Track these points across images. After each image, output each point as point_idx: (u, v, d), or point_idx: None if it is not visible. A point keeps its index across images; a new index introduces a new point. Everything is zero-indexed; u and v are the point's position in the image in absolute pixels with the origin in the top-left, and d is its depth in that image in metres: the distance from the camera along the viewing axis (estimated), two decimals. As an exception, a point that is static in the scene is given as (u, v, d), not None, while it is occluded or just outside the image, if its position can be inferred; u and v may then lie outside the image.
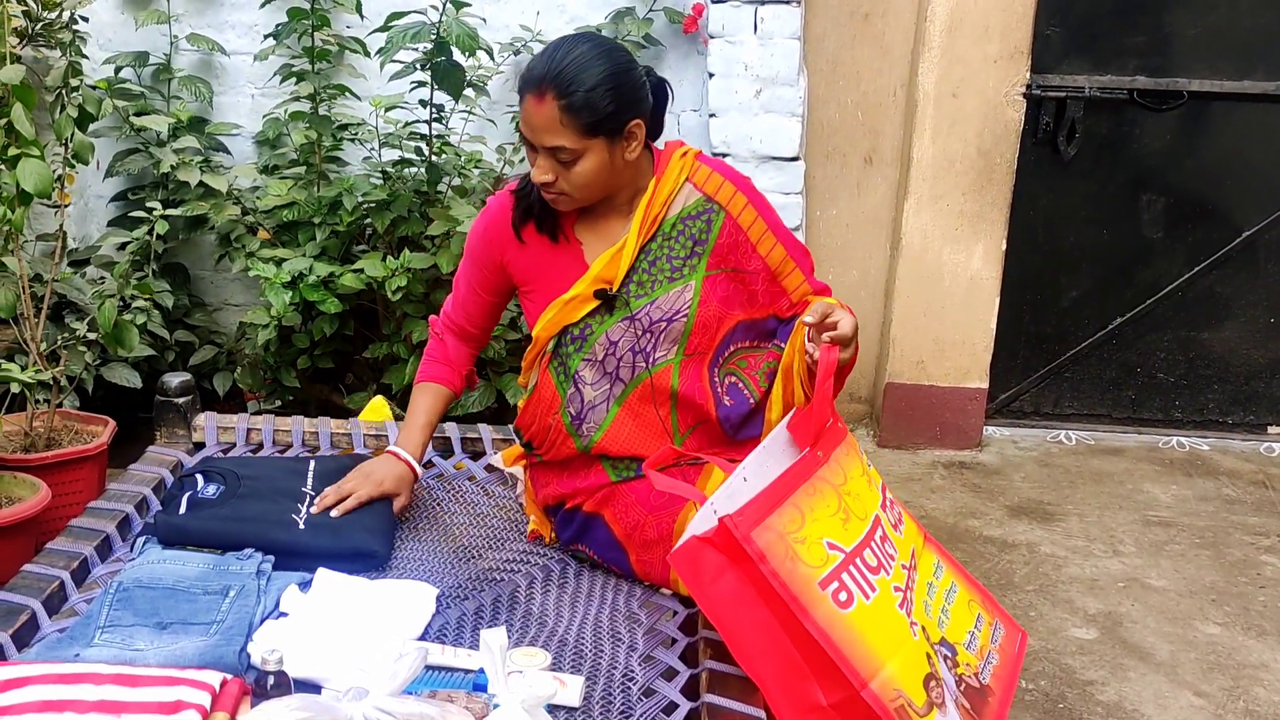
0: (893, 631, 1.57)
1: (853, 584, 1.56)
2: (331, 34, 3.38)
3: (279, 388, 3.49)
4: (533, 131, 1.82)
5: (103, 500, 2.11)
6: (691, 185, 1.97)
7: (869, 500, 1.69)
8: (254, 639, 1.70)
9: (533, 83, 1.80)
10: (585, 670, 1.74)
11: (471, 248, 2.08)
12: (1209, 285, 3.90)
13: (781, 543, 1.54)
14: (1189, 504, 3.54)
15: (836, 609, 1.53)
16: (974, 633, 1.71)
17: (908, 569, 1.67)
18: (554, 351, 1.99)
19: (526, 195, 1.98)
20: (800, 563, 1.54)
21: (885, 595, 1.59)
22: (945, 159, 3.63)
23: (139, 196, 3.62)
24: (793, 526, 1.56)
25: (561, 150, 1.81)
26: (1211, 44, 3.69)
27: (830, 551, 1.57)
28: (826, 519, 1.60)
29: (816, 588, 1.53)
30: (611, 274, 1.94)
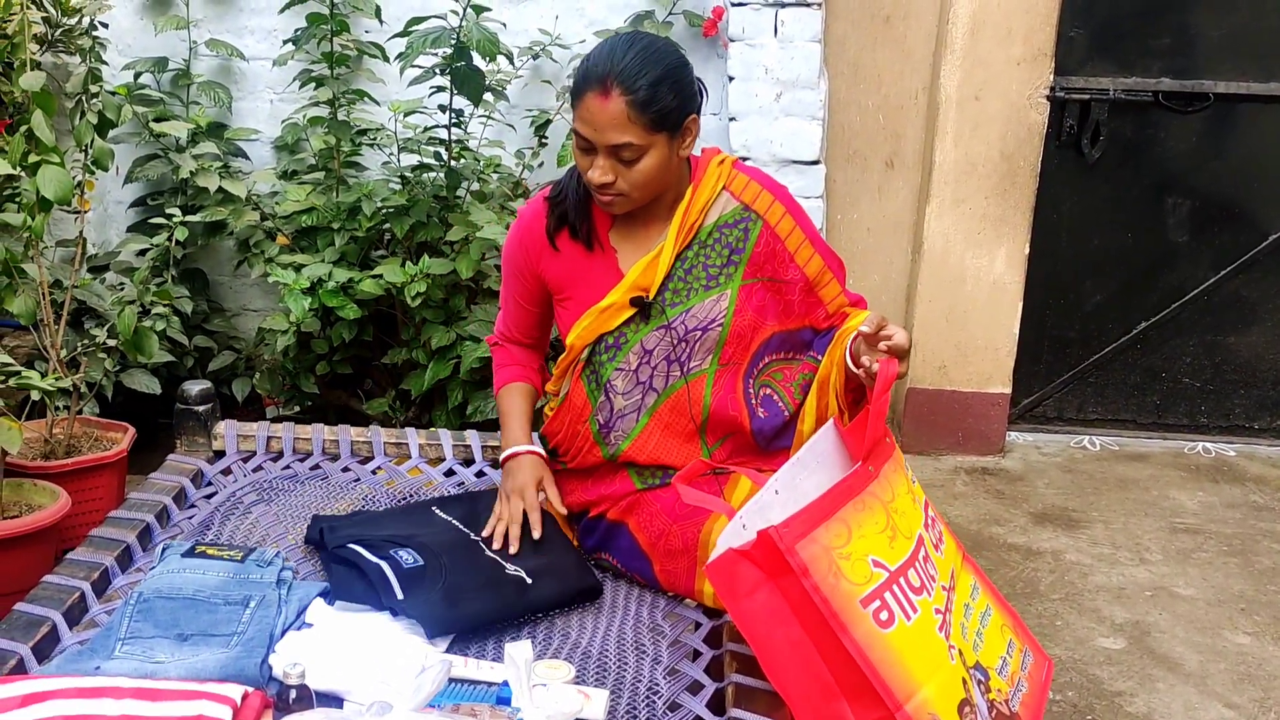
0: (931, 654, 1.54)
1: (895, 604, 1.53)
2: (350, 39, 3.37)
3: (298, 393, 3.48)
4: (597, 130, 1.78)
5: (123, 510, 2.10)
6: (729, 194, 1.95)
7: (914, 518, 1.66)
8: (276, 650, 1.68)
9: (596, 80, 1.76)
10: (609, 683, 1.72)
11: (508, 260, 2.06)
12: (1235, 289, 3.86)
13: (826, 557, 1.51)
14: (1216, 511, 3.50)
15: (877, 628, 1.50)
16: (1006, 658, 1.68)
17: (947, 590, 1.64)
18: (587, 360, 1.97)
19: (561, 201, 1.97)
20: (843, 579, 1.51)
21: (926, 617, 1.56)
22: (968, 162, 3.60)
23: (158, 202, 3.61)
24: (839, 541, 1.54)
25: (626, 148, 1.79)
26: (1237, 45, 3.65)
27: (875, 569, 1.54)
28: (874, 536, 1.57)
29: (858, 605, 1.50)
30: (648, 281, 1.92)
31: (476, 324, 3.16)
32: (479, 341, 3.12)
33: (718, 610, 1.92)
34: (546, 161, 3.49)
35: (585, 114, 1.78)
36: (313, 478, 2.30)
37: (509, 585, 1.84)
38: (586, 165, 1.84)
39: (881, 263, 3.82)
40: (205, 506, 2.17)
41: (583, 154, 1.84)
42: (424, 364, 3.25)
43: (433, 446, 2.39)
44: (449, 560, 1.84)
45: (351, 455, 2.37)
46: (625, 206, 1.89)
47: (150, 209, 3.65)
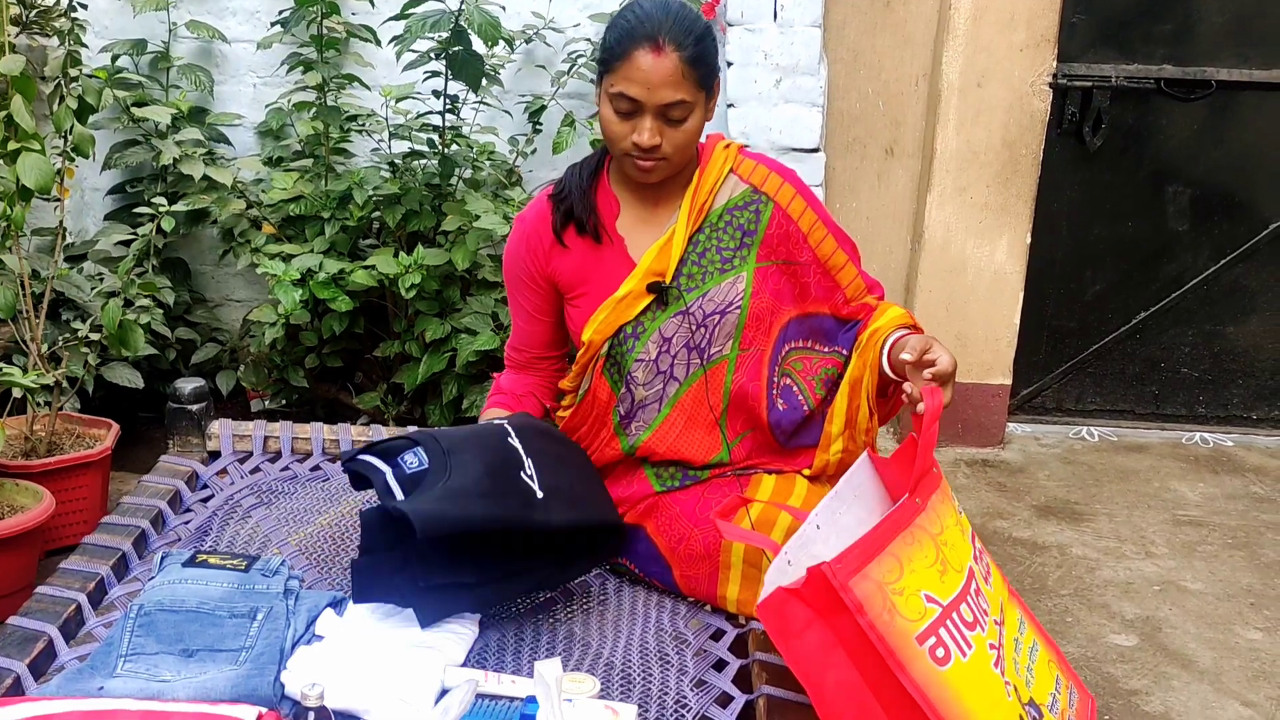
0: (988, 692, 1.48)
1: (950, 640, 1.47)
2: (340, 21, 3.26)
3: (285, 387, 3.38)
4: (650, 88, 1.72)
5: (116, 515, 2.01)
6: (736, 176, 1.92)
7: (963, 551, 1.60)
8: (287, 666, 1.61)
9: (646, 36, 1.71)
10: (635, 697, 1.65)
11: (513, 269, 1.98)
12: (1234, 279, 3.83)
13: (880, 593, 1.44)
14: (1218, 502, 3.47)
15: (934, 666, 1.44)
16: (1055, 695, 1.62)
17: (999, 624, 1.58)
18: (608, 354, 1.90)
19: (565, 197, 1.91)
20: (898, 615, 1.44)
21: (981, 653, 1.50)
22: (969, 150, 3.54)
23: (137, 190, 3.50)
24: (891, 577, 1.47)
25: (677, 106, 1.74)
26: (1240, 32, 3.60)
27: (928, 605, 1.47)
28: (924, 570, 1.51)
29: (914, 643, 1.44)
30: (662, 266, 1.87)
31: (472, 316, 3.08)
32: (474, 334, 3.04)
33: (741, 616, 1.86)
34: (541, 148, 3.41)
35: (634, 73, 1.72)
36: (313, 479, 2.22)
37: (516, 495, 1.70)
38: (626, 131, 1.77)
39: (881, 252, 3.75)
40: (202, 511, 2.08)
41: (623, 119, 1.77)
42: (417, 357, 3.16)
43: (437, 446, 2.30)
44: (455, 462, 1.69)
45: (353, 455, 2.28)
46: (663, 173, 1.84)
47: (129, 196, 3.53)
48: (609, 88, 1.76)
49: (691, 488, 1.91)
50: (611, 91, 1.75)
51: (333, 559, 1.96)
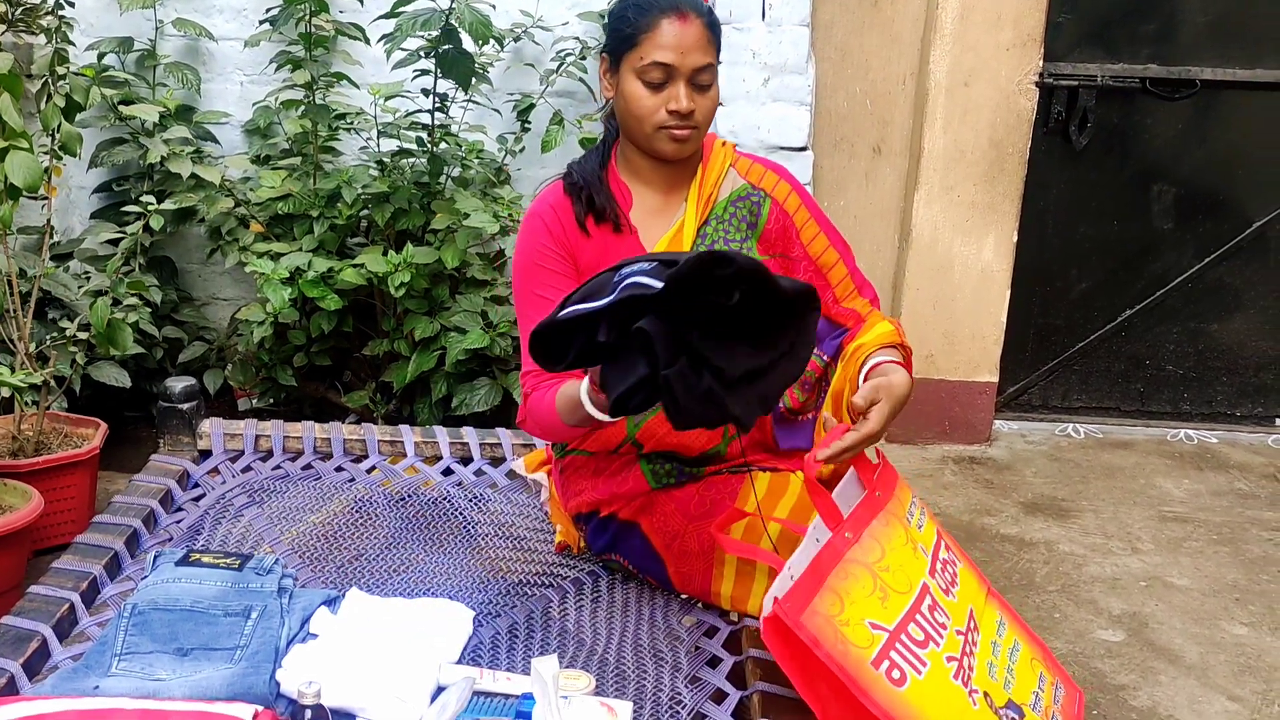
0: (950, 704, 1.52)
1: (903, 661, 1.51)
2: (328, 19, 3.26)
3: (273, 386, 3.37)
4: (683, 53, 1.77)
5: (108, 514, 2.00)
6: (735, 172, 1.94)
7: (913, 570, 1.62)
8: (283, 665, 1.61)
9: (671, 6, 1.77)
10: (629, 694, 1.66)
11: (538, 260, 1.88)
12: (1219, 276, 3.85)
13: (830, 626, 1.49)
14: (1203, 499, 3.49)
15: (893, 688, 1.49)
16: (1038, 693, 1.65)
17: (964, 633, 1.61)
18: None
19: (582, 187, 1.90)
20: (850, 645, 1.50)
21: (937, 668, 1.54)
22: (956, 149, 3.55)
23: (123, 188, 3.49)
24: (834, 610, 1.52)
25: (706, 71, 1.80)
26: (1223, 32, 3.63)
27: (874, 632, 1.52)
28: (864, 600, 1.55)
29: (870, 668, 1.49)
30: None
31: (461, 314, 3.08)
32: (464, 332, 3.04)
33: (734, 613, 1.87)
34: (529, 147, 3.40)
35: (665, 40, 1.76)
36: (305, 478, 2.21)
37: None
38: (659, 103, 1.79)
39: (869, 250, 3.77)
40: (194, 510, 2.08)
41: (654, 91, 1.79)
42: (406, 356, 3.16)
43: (429, 444, 2.31)
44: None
45: (344, 454, 2.29)
46: (694, 145, 1.86)
47: (115, 195, 3.52)
48: (638, 62, 1.78)
49: (687, 485, 1.92)
50: (641, 65, 1.78)
51: (326, 557, 1.96)
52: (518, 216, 3.07)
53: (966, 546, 3.14)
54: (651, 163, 1.90)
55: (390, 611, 1.74)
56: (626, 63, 1.80)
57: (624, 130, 1.89)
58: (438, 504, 2.15)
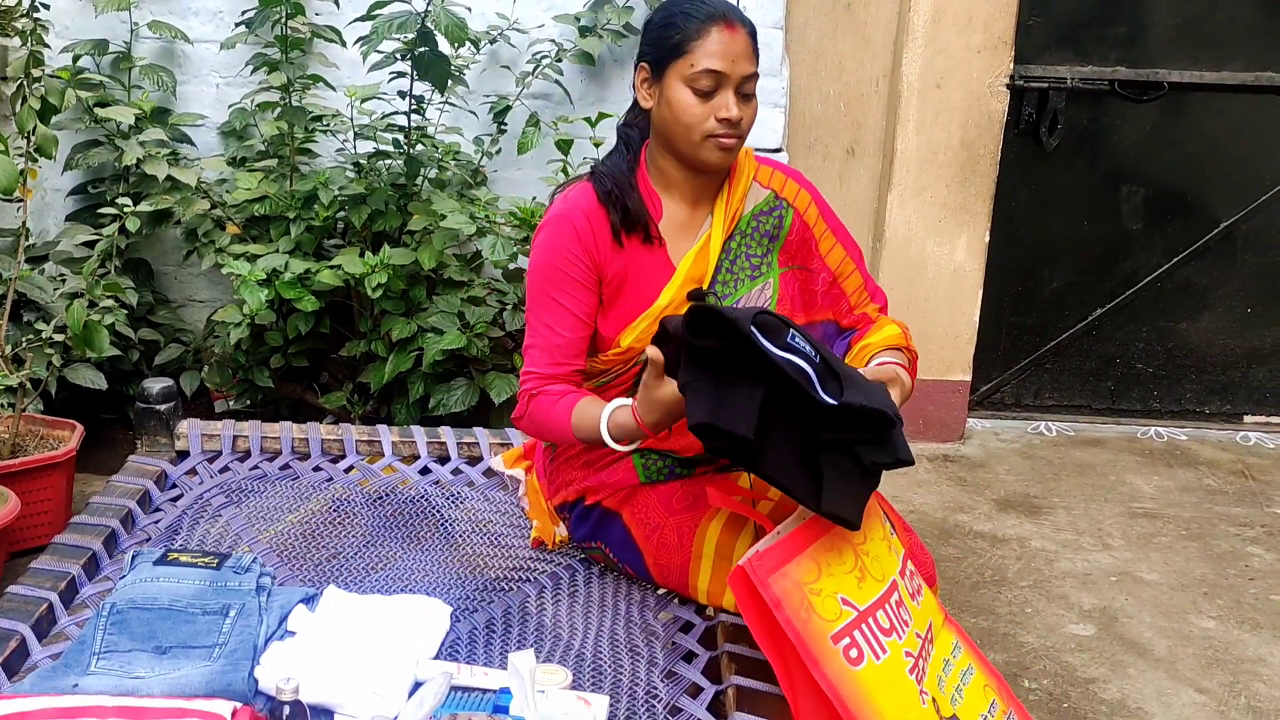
0: (901, 695, 1.55)
1: (864, 642, 1.54)
2: (305, 22, 3.27)
3: (250, 387, 3.38)
4: (732, 60, 1.77)
5: (86, 515, 2.01)
6: (758, 183, 1.94)
7: (887, 564, 1.66)
8: (261, 662, 1.62)
9: (718, 14, 1.78)
10: (605, 688, 1.68)
11: (564, 272, 1.86)
12: (1187, 276, 3.91)
13: (798, 592, 1.52)
14: (1172, 495, 3.54)
15: (847, 665, 1.52)
16: (987, 716, 1.67)
17: (922, 638, 1.64)
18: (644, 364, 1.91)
19: (617, 196, 1.87)
20: (815, 614, 1.53)
21: (896, 658, 1.57)
22: (929, 150, 3.59)
23: (99, 190, 3.48)
24: (809, 578, 1.55)
25: (751, 79, 1.80)
26: (1191, 35, 3.68)
27: (844, 607, 1.55)
28: (842, 575, 1.58)
29: (829, 641, 1.52)
30: (700, 271, 1.89)
31: (438, 315, 3.09)
32: (441, 333, 3.05)
33: (710, 608, 1.89)
34: (506, 148, 3.42)
35: (717, 48, 1.76)
36: (283, 478, 2.23)
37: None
38: (707, 112, 1.78)
39: (842, 251, 3.80)
40: (171, 510, 2.09)
41: (704, 99, 1.78)
42: (383, 356, 3.17)
43: (406, 444, 2.32)
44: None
45: (322, 454, 2.30)
46: (736, 153, 1.85)
47: (91, 197, 3.51)
48: (688, 69, 1.77)
49: (673, 482, 1.94)
50: (692, 72, 1.77)
51: (304, 556, 1.97)
52: (494, 218, 3.09)
53: (940, 543, 3.18)
54: (685, 173, 1.88)
55: (368, 608, 1.76)
56: (674, 71, 1.79)
57: (665, 139, 1.86)
58: (415, 502, 2.16)
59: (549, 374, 1.88)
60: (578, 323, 1.88)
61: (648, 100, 1.86)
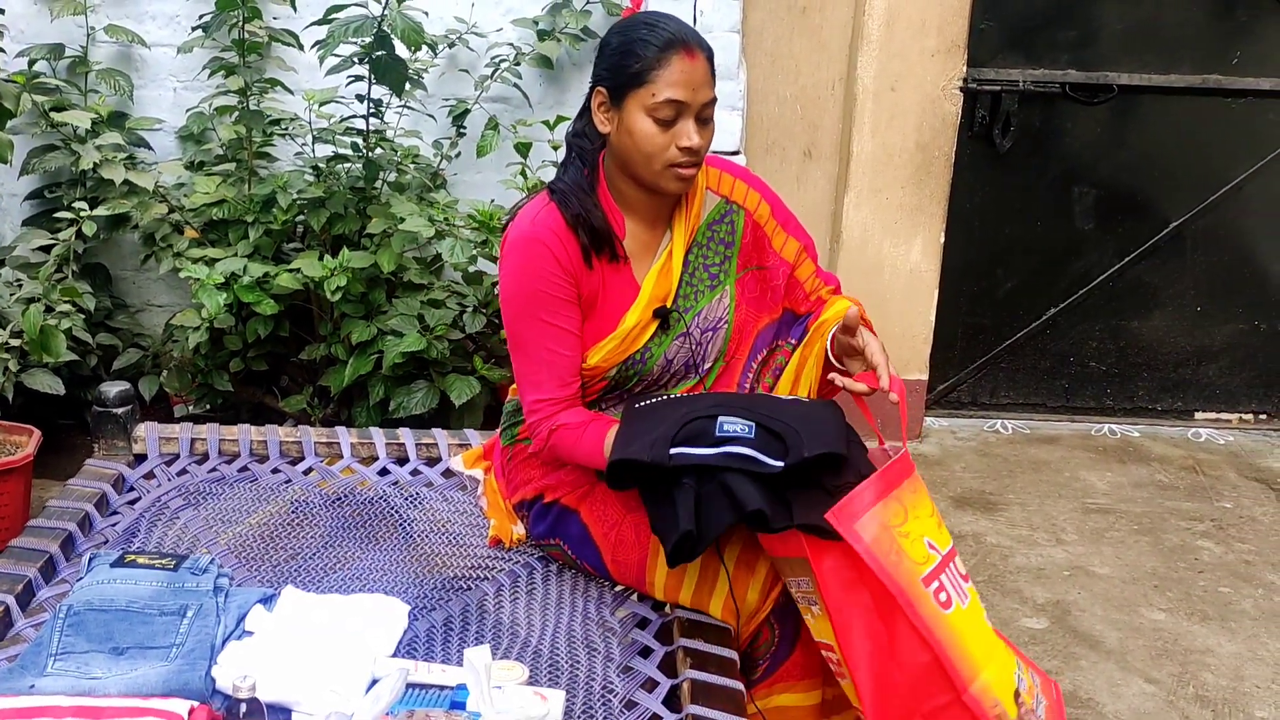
0: (985, 640, 1.56)
1: (950, 587, 1.56)
2: (262, 25, 3.27)
3: (209, 392, 3.37)
4: (693, 90, 1.76)
5: (43, 518, 2.01)
6: (710, 190, 1.95)
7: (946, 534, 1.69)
8: (218, 661, 1.63)
9: (679, 42, 1.76)
10: (563, 683, 1.70)
11: (546, 289, 1.85)
12: (1138, 275, 3.97)
13: (887, 534, 1.53)
14: (1125, 491, 3.60)
15: (938, 608, 1.52)
16: (1019, 675, 1.67)
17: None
18: (614, 380, 1.93)
19: (584, 218, 1.86)
20: (905, 557, 1.53)
21: (975, 605, 1.59)
22: (884, 152, 3.63)
23: (56, 195, 3.47)
24: (896, 520, 1.56)
25: (710, 105, 1.80)
26: (1139, 38, 3.74)
27: (930, 551, 1.57)
28: (925, 519, 1.61)
29: (920, 584, 1.53)
30: (664, 290, 1.91)
31: (398, 318, 3.10)
32: (400, 336, 3.06)
33: (667, 604, 1.91)
34: (465, 152, 3.44)
35: (678, 76, 1.75)
36: (241, 480, 2.23)
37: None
38: (668, 141, 1.77)
39: (800, 252, 3.84)
40: (129, 513, 2.09)
41: (665, 128, 1.76)
42: (343, 360, 3.17)
43: (365, 445, 2.33)
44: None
45: (281, 456, 2.30)
46: (695, 179, 1.86)
47: (47, 202, 3.50)
48: (649, 99, 1.75)
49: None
50: (654, 102, 1.75)
51: (262, 557, 1.98)
52: (454, 220, 3.10)
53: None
54: (643, 194, 1.88)
55: (325, 607, 1.77)
56: (634, 99, 1.77)
57: (625, 166, 1.84)
58: (374, 503, 2.17)
59: (559, 397, 1.88)
60: (574, 339, 1.88)
61: (605, 125, 1.83)
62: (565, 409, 1.88)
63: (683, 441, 1.70)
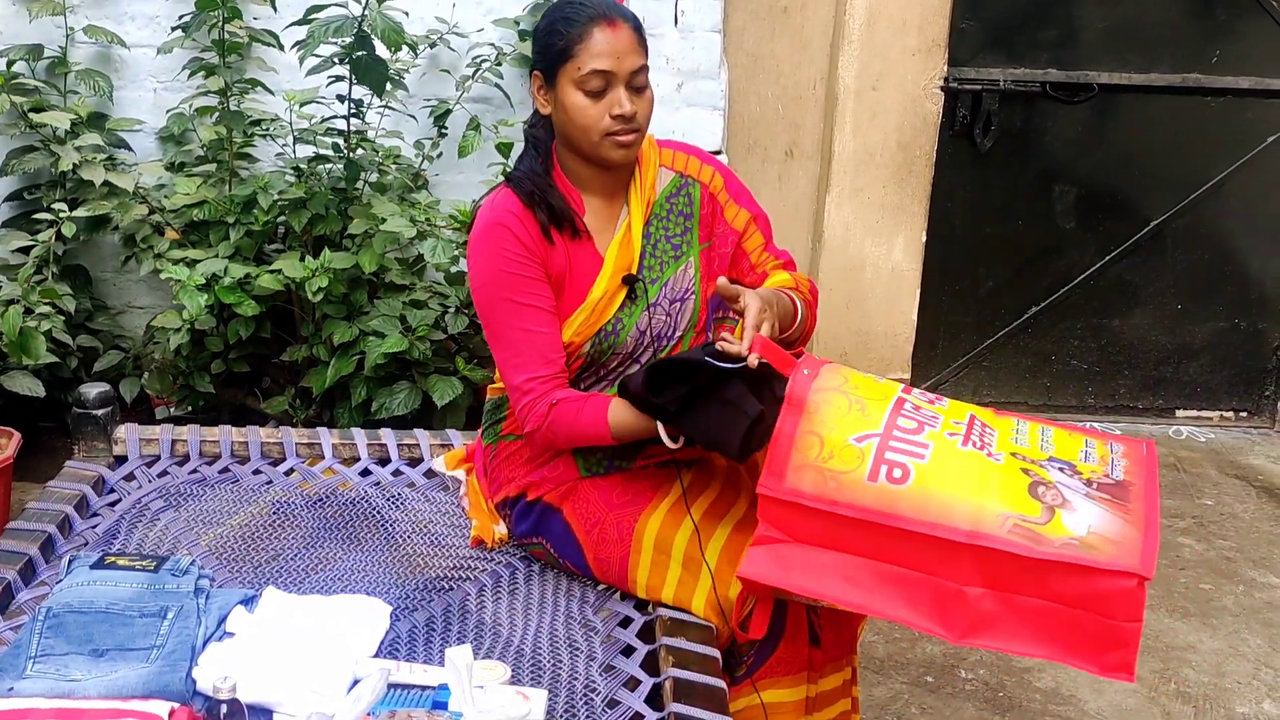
0: (968, 470, 1.51)
1: (901, 456, 1.52)
2: (242, 26, 3.26)
3: (191, 393, 3.36)
4: (618, 58, 1.80)
5: (22, 520, 1.99)
6: (663, 167, 1.99)
7: (884, 389, 1.65)
8: (199, 663, 1.62)
9: (598, 15, 1.81)
10: (545, 682, 1.70)
11: (511, 269, 1.87)
12: (1119, 274, 3.99)
13: (811, 471, 1.52)
14: (1106, 488, 3.61)
15: (895, 487, 1.49)
16: (1086, 451, 1.61)
17: (964, 424, 1.60)
18: (588, 355, 1.94)
19: (540, 197, 1.90)
20: (840, 475, 1.51)
21: (941, 445, 1.53)
22: (866, 152, 3.65)
23: (35, 196, 3.45)
24: (814, 452, 1.55)
25: (641, 72, 1.84)
26: (1119, 37, 3.76)
27: (861, 445, 1.53)
28: (842, 421, 1.57)
29: (867, 485, 1.50)
30: (627, 260, 1.94)
31: (380, 319, 3.10)
32: (382, 336, 3.06)
33: (649, 603, 1.91)
34: (446, 152, 3.43)
35: (600, 47, 1.80)
36: (222, 481, 2.22)
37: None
38: (601, 111, 1.82)
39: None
40: (110, 515, 2.08)
41: (595, 99, 1.82)
42: (325, 360, 3.16)
43: (346, 446, 2.33)
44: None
45: (262, 457, 2.30)
46: (637, 147, 1.89)
47: (26, 203, 3.48)
48: (576, 73, 1.81)
49: (613, 475, 1.96)
50: (580, 75, 1.81)
51: (243, 558, 1.97)
52: (435, 221, 3.10)
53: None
54: (594, 170, 1.92)
55: (307, 608, 1.76)
56: (564, 75, 1.83)
57: (567, 142, 1.90)
58: (356, 504, 2.17)
59: (547, 374, 1.88)
60: (550, 317, 1.90)
61: (545, 107, 1.90)
62: (557, 386, 1.88)
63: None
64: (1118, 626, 1.42)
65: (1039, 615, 1.45)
